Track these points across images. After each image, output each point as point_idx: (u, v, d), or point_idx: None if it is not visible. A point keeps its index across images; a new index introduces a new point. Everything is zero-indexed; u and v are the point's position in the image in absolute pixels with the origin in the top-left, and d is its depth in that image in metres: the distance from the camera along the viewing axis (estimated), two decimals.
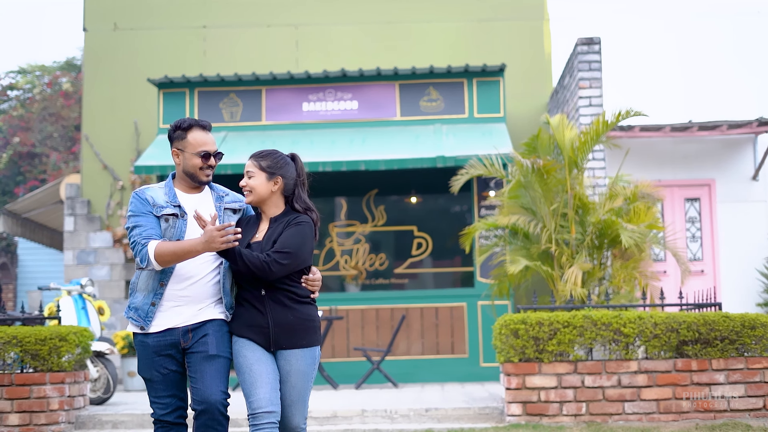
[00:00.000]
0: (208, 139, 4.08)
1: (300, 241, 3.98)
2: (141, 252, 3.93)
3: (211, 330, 3.99)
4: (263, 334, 3.97)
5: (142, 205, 4.02)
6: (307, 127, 11.13)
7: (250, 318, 3.99)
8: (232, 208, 4.17)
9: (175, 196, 4.06)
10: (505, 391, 7.10)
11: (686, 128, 11.15)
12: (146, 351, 4.01)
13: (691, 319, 6.99)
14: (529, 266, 8.01)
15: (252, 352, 3.97)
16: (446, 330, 10.71)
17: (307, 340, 4.02)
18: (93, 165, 12.62)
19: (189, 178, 4.09)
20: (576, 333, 6.95)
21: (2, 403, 7.03)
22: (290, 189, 4.10)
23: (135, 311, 4.02)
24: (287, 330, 3.97)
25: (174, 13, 12.87)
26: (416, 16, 12.77)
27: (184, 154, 4.06)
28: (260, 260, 3.88)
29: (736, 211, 11.90)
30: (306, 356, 4.01)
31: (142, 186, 3.96)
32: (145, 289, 4.01)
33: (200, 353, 3.94)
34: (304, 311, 4.03)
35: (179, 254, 3.90)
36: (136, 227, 3.99)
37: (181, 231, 4.01)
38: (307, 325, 4.02)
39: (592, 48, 10.23)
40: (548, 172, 7.94)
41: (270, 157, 4.09)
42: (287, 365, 3.99)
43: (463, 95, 11.13)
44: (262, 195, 4.05)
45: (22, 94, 21.38)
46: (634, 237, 7.70)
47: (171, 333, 3.99)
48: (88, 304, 8.65)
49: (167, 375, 3.99)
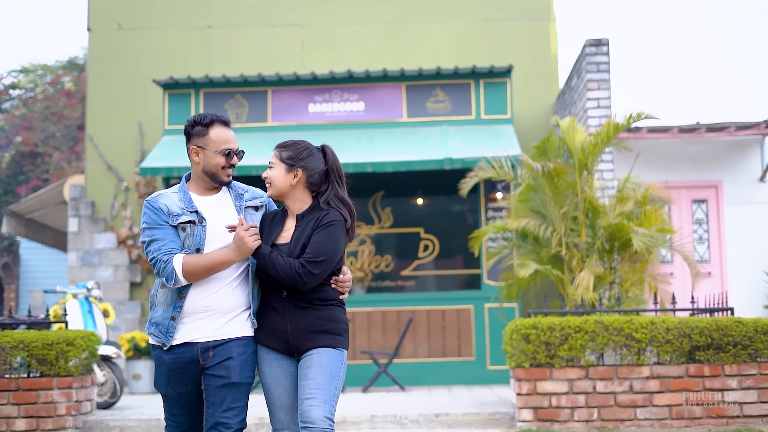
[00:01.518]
0: (230, 136, 3.78)
1: (333, 246, 3.67)
2: (165, 270, 3.61)
3: (236, 352, 3.67)
4: (283, 339, 3.70)
5: (157, 216, 3.70)
6: (314, 128, 11.07)
7: (271, 323, 3.72)
8: (253, 206, 3.84)
9: (191, 201, 3.73)
10: (515, 396, 7.04)
11: (694, 129, 11.09)
12: (162, 367, 3.73)
13: (703, 324, 6.93)
14: (539, 270, 7.95)
15: (270, 369, 3.73)
16: (453, 332, 10.66)
17: (331, 341, 3.68)
18: (97, 166, 12.56)
19: (209, 178, 3.77)
20: (588, 338, 6.89)
21: (9, 408, 6.97)
22: (315, 183, 3.78)
23: (156, 327, 3.73)
24: (307, 333, 3.67)
25: (178, 13, 12.81)
26: (422, 16, 12.70)
27: (206, 152, 3.73)
28: (293, 270, 3.60)
29: (744, 212, 11.84)
30: (330, 353, 3.67)
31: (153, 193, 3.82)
32: (164, 302, 3.72)
33: (221, 378, 3.65)
34: (328, 312, 3.72)
35: (211, 267, 3.61)
36: (154, 241, 3.67)
37: (201, 238, 3.69)
38: (330, 326, 3.71)
39: (600, 49, 10.17)
40: (558, 176, 7.89)
41: (292, 147, 3.79)
42: (308, 360, 3.66)
43: (470, 96, 11.07)
44: (281, 188, 3.76)
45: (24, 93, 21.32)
46: (646, 241, 7.64)
47: (190, 349, 3.67)
48: (95, 307, 8.59)
49: (183, 395, 3.73)
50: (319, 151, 3.84)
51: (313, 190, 3.81)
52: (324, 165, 3.80)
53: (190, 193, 3.78)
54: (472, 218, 11.37)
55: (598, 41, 10.23)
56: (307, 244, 3.67)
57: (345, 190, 3.85)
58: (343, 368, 3.71)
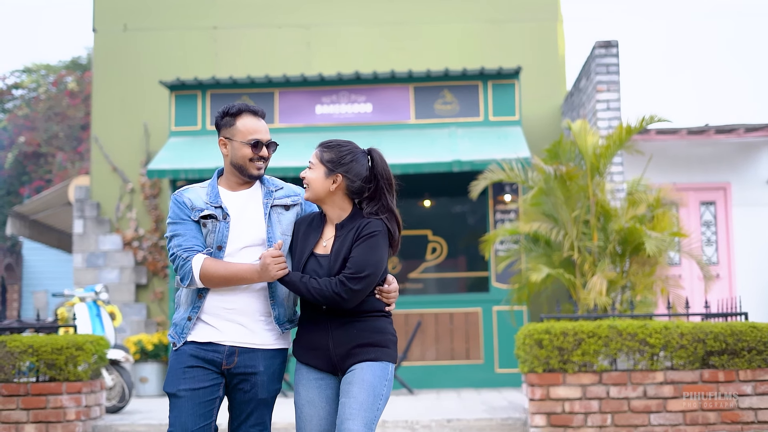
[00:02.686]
0: (260, 127, 3.59)
1: (376, 259, 3.38)
2: (183, 268, 3.43)
3: (263, 365, 3.48)
4: (325, 356, 3.42)
5: (180, 210, 3.52)
6: (321, 130, 11.02)
7: (311, 339, 3.45)
8: (283, 204, 3.59)
9: (217, 196, 3.54)
10: (528, 401, 6.99)
11: (702, 131, 11.05)
12: (181, 358, 3.47)
13: (717, 329, 6.87)
14: (551, 274, 7.90)
15: (306, 390, 3.46)
16: (461, 335, 10.61)
17: (375, 354, 3.39)
18: (102, 167, 12.50)
19: (238, 171, 3.56)
20: (601, 343, 6.84)
21: (18, 413, 6.92)
22: (356, 191, 3.48)
23: (174, 328, 3.56)
24: (351, 347, 3.39)
25: (184, 13, 12.75)
26: (428, 16, 12.64)
27: (233, 143, 3.55)
28: (331, 290, 3.32)
29: (752, 214, 11.80)
30: (374, 368, 3.37)
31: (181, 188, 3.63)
32: (185, 303, 3.54)
33: (246, 393, 3.48)
34: (372, 323, 3.44)
35: (230, 279, 3.41)
36: (175, 236, 3.49)
37: (223, 235, 3.48)
38: (375, 338, 3.41)
39: (609, 51, 10.11)
40: (571, 179, 7.83)
41: (335, 149, 3.50)
42: (350, 376, 3.37)
43: (478, 98, 11.02)
44: (318, 192, 3.48)
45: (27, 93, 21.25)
46: (659, 245, 7.59)
47: (214, 348, 3.46)
48: (103, 310, 8.54)
49: (197, 393, 3.41)
50: (365, 156, 3.54)
51: (354, 197, 3.52)
52: (367, 171, 3.50)
53: (219, 188, 3.59)
54: (480, 221, 11.32)
55: (608, 43, 10.17)
56: (347, 257, 3.40)
57: (394, 199, 3.55)
58: (388, 384, 3.42)
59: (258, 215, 3.55)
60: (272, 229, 3.55)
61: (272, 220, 3.56)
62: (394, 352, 3.45)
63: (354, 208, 3.53)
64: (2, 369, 6.90)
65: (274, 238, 3.53)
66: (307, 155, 10.19)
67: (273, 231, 3.55)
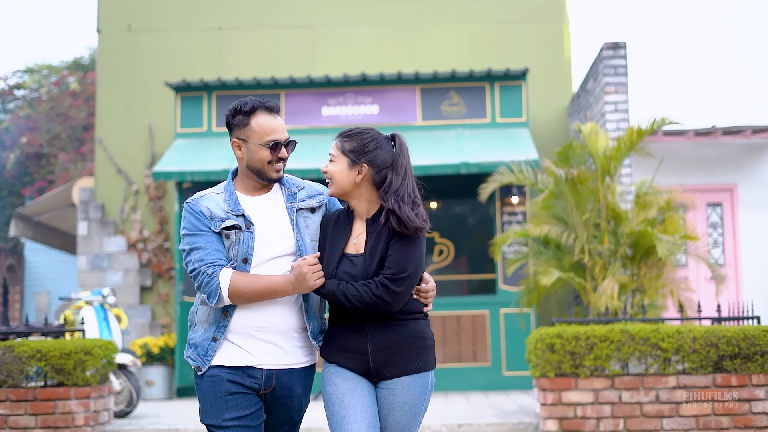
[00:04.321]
0: (277, 125, 3.23)
1: (417, 255, 3.16)
2: (209, 285, 3.11)
3: (299, 385, 3.24)
4: (362, 361, 3.18)
5: (198, 221, 3.18)
6: (327, 131, 10.96)
7: (346, 342, 3.20)
8: (308, 207, 3.29)
9: (237, 203, 3.20)
10: (540, 406, 6.95)
11: (710, 133, 11.01)
12: (215, 387, 3.13)
13: (730, 333, 6.84)
14: (561, 277, 7.86)
15: (345, 379, 3.18)
16: (468, 338, 10.56)
17: (417, 364, 3.21)
18: (106, 168, 12.45)
19: (255, 175, 3.24)
20: (613, 348, 6.80)
21: (26, 418, 6.87)
22: (383, 179, 3.20)
23: (194, 349, 3.21)
24: (391, 354, 3.17)
25: (189, 14, 12.70)
26: (434, 17, 12.60)
27: (248, 145, 3.21)
28: (372, 295, 3.09)
29: (759, 216, 11.76)
30: (415, 384, 3.20)
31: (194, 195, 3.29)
32: (206, 321, 3.20)
33: (281, 416, 3.24)
34: (413, 328, 3.22)
35: (262, 293, 3.11)
36: (195, 250, 3.15)
37: (249, 246, 3.16)
38: (416, 345, 3.21)
39: (617, 52, 10.07)
40: (582, 182, 7.79)
41: (357, 137, 3.22)
42: (390, 395, 3.19)
43: (485, 100, 10.97)
44: (343, 186, 3.20)
45: (29, 93, 21.19)
46: (670, 248, 7.55)
47: (251, 373, 3.16)
48: (110, 314, 8.50)
49: (244, 419, 3.11)
50: (389, 141, 3.27)
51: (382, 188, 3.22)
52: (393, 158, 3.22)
53: (237, 193, 3.26)
54: (487, 223, 11.27)
55: (616, 44, 10.13)
56: (385, 256, 3.15)
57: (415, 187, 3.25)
58: (428, 395, 3.27)
59: (283, 222, 3.25)
60: (301, 236, 3.27)
61: (299, 226, 3.27)
62: (433, 358, 3.28)
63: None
64: (10, 374, 6.85)
65: (305, 245, 3.25)
66: (313, 157, 10.17)
67: (302, 238, 3.27)
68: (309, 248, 3.25)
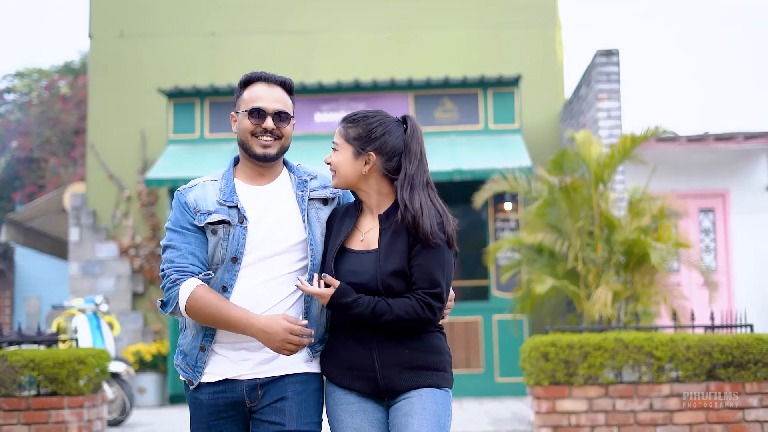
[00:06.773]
0: (265, 94, 2.86)
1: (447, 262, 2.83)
2: (169, 292, 2.81)
3: (291, 391, 2.81)
4: (369, 379, 2.80)
5: (182, 215, 2.85)
6: (321, 138, 10.96)
7: (350, 356, 2.82)
8: (321, 198, 2.93)
9: (233, 192, 2.85)
10: (534, 414, 6.95)
11: (702, 139, 11.06)
12: (200, 411, 2.88)
13: (724, 341, 6.86)
14: (555, 285, 7.87)
15: (351, 416, 2.81)
16: (461, 344, 10.57)
17: (433, 379, 2.79)
18: (98, 174, 12.41)
19: (245, 152, 2.89)
20: (607, 356, 6.82)
21: (19, 428, 6.84)
22: (396, 168, 2.84)
23: (183, 358, 2.92)
24: (402, 369, 2.78)
25: (181, 20, 12.67)
26: (427, 23, 12.61)
27: (238, 116, 2.91)
28: (419, 318, 2.75)
29: (751, 221, 11.81)
30: (436, 395, 2.79)
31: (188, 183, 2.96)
32: (194, 326, 2.88)
33: (273, 425, 2.80)
34: (426, 341, 2.82)
35: (218, 322, 2.76)
36: (169, 248, 2.84)
37: (239, 243, 2.80)
38: (431, 360, 2.80)
39: (610, 59, 10.09)
40: (575, 190, 7.81)
41: (362, 122, 2.86)
42: (406, 405, 2.77)
43: (478, 106, 10.99)
44: (348, 178, 2.85)
45: (19, 97, 21.12)
46: (664, 256, 7.58)
47: (232, 387, 2.83)
48: (102, 322, 8.47)
49: None
50: (400, 125, 2.89)
51: (394, 177, 2.86)
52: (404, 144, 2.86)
53: (236, 181, 2.90)
54: (480, 229, 11.28)
55: (609, 51, 10.15)
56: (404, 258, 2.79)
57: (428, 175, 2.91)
58: (450, 415, 2.84)
59: (288, 214, 2.88)
60: (312, 230, 2.89)
61: (310, 218, 2.89)
62: (451, 375, 2.87)
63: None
64: (3, 383, 6.81)
65: (315, 240, 2.88)
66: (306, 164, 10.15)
67: (313, 232, 2.89)
68: (319, 243, 2.89)
